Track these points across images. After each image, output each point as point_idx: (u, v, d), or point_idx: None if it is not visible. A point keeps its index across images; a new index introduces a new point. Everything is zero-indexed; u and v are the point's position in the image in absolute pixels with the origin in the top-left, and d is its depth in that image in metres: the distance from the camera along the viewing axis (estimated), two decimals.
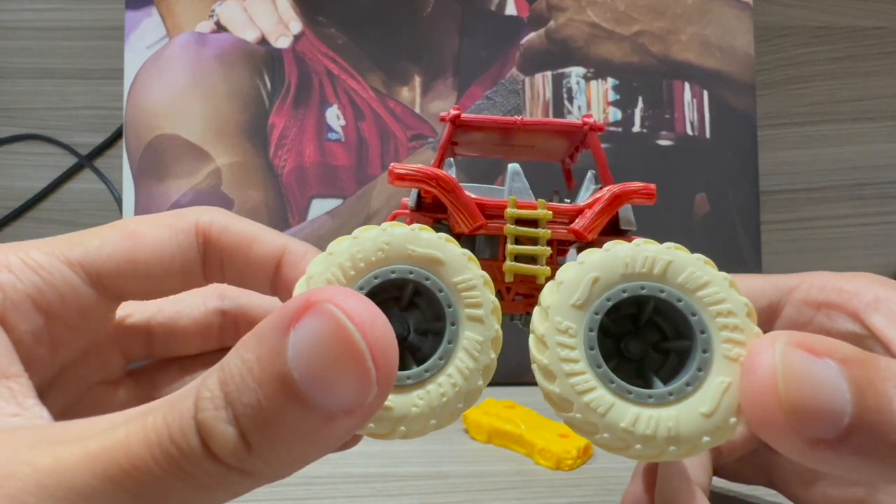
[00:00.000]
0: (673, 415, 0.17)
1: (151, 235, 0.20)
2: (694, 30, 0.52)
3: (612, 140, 0.51)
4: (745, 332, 0.18)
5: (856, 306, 0.21)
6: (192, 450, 0.13)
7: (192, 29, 0.52)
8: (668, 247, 0.19)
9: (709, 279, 0.18)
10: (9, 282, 0.18)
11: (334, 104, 0.52)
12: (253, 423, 0.13)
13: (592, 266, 0.18)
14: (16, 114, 0.56)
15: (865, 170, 0.57)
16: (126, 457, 0.13)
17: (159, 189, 0.51)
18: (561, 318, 0.18)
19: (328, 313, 0.14)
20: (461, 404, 0.18)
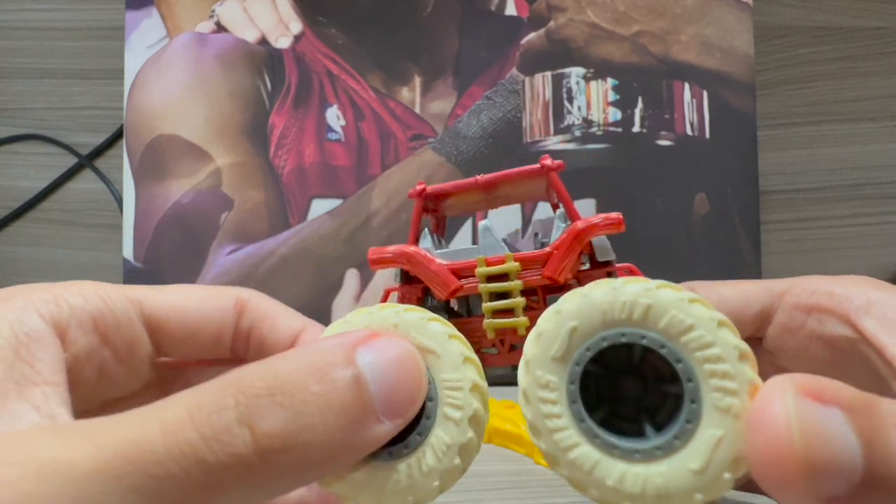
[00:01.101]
0: (662, 471, 0.16)
1: (201, 294, 0.22)
2: (694, 30, 0.52)
3: (611, 140, 0.51)
4: (738, 379, 0.16)
5: (846, 309, 0.21)
6: (221, 429, 0.13)
7: (193, 29, 0.52)
8: (647, 288, 0.17)
9: (693, 322, 0.17)
10: (78, 304, 0.20)
11: (334, 104, 0.52)
12: (312, 408, 0.14)
13: (570, 315, 0.18)
14: (16, 114, 0.56)
15: (865, 170, 0.57)
16: (135, 443, 0.13)
17: (159, 189, 0.51)
18: (542, 371, 0.18)
19: (400, 343, 0.17)
20: (410, 498, 0.18)
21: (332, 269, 0.51)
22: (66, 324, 0.19)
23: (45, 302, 0.19)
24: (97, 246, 0.55)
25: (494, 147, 0.51)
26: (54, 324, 0.19)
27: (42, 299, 0.19)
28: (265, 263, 0.51)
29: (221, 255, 0.51)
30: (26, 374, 0.17)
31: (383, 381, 0.16)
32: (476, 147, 0.51)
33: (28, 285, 0.20)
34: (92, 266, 0.55)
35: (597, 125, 0.51)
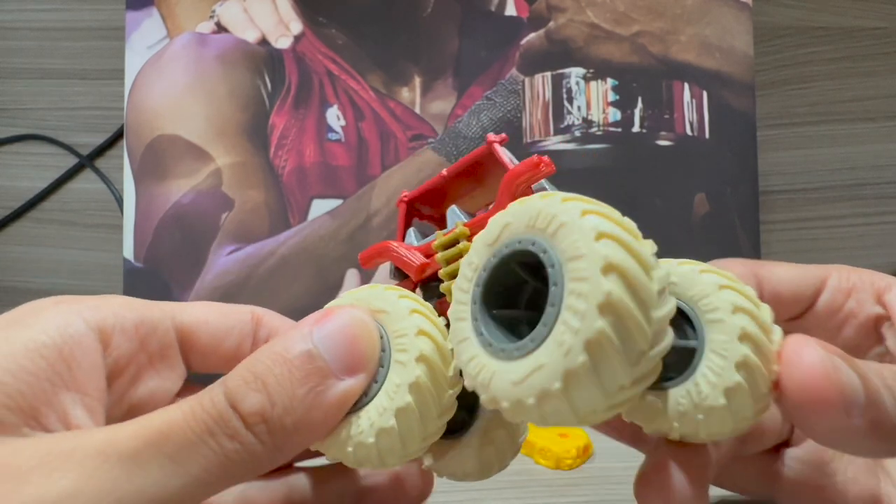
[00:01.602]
0: (509, 371, 0.17)
1: (221, 308, 0.24)
2: (693, 30, 0.52)
3: (611, 140, 0.51)
4: (590, 296, 0.16)
5: (879, 287, 0.24)
6: (222, 413, 0.17)
7: (193, 29, 0.52)
8: (555, 201, 0.17)
9: (576, 236, 0.16)
10: (121, 311, 0.22)
11: (334, 104, 0.52)
12: (280, 387, 0.18)
13: (508, 214, 0.18)
14: (16, 114, 0.56)
15: (865, 170, 0.57)
16: (166, 423, 0.17)
17: (160, 189, 0.51)
18: (465, 267, 0.19)
19: (348, 311, 0.19)
20: (371, 439, 0.19)
21: (332, 269, 0.51)
22: (110, 329, 0.21)
23: (91, 308, 0.21)
24: (97, 246, 0.55)
25: None
26: (99, 329, 0.20)
27: (88, 306, 0.21)
28: (265, 263, 0.51)
29: (222, 255, 0.51)
30: (63, 377, 0.19)
31: (334, 346, 0.18)
32: (476, 147, 0.51)
33: (73, 296, 0.21)
34: (92, 266, 0.55)
35: (597, 125, 0.52)
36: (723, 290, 0.19)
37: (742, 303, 0.18)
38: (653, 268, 0.16)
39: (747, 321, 0.18)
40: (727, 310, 0.18)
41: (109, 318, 0.21)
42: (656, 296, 0.16)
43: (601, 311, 0.15)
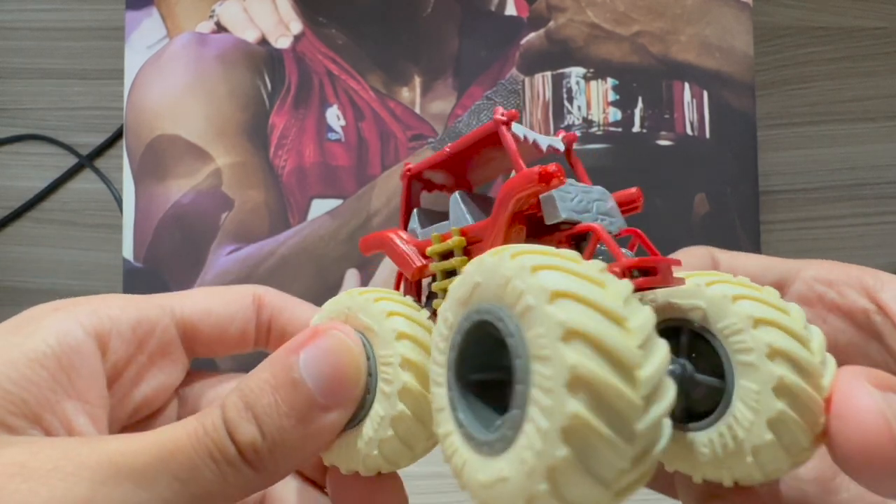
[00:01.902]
0: (504, 468, 0.14)
1: (222, 294, 0.24)
2: (693, 30, 0.52)
3: (611, 140, 0.51)
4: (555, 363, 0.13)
5: (866, 283, 0.22)
6: (221, 440, 0.18)
7: (193, 29, 0.52)
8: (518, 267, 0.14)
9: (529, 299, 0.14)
10: (116, 314, 0.22)
11: (334, 104, 0.52)
12: (269, 418, 0.18)
13: (479, 271, 0.15)
14: (16, 114, 0.56)
15: (865, 170, 0.57)
16: (173, 443, 0.18)
17: (160, 189, 0.51)
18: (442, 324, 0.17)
19: (334, 334, 0.19)
20: (360, 466, 0.20)
21: (332, 269, 0.51)
22: (107, 335, 0.21)
23: (88, 314, 0.21)
24: (97, 246, 0.55)
25: None
26: (96, 335, 0.21)
27: (84, 311, 0.21)
28: (265, 263, 0.51)
29: (221, 255, 0.51)
30: (64, 386, 0.19)
31: (319, 374, 0.19)
32: None
33: (69, 299, 0.21)
34: (92, 266, 0.55)
35: (597, 125, 0.51)
36: (759, 326, 0.16)
37: (782, 343, 0.16)
38: (638, 367, 0.13)
39: (786, 369, 0.15)
40: (762, 352, 0.16)
41: (106, 323, 0.21)
42: (637, 351, 0.13)
43: (565, 437, 0.13)
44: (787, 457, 0.16)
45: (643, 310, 0.14)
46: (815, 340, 0.16)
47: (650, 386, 0.13)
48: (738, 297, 0.16)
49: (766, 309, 0.16)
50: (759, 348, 0.16)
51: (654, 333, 0.14)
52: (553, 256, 0.14)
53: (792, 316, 0.16)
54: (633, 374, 0.13)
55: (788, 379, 0.15)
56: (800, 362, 0.15)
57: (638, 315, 0.14)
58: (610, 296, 0.14)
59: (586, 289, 0.13)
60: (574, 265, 0.14)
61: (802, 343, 0.16)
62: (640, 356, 0.13)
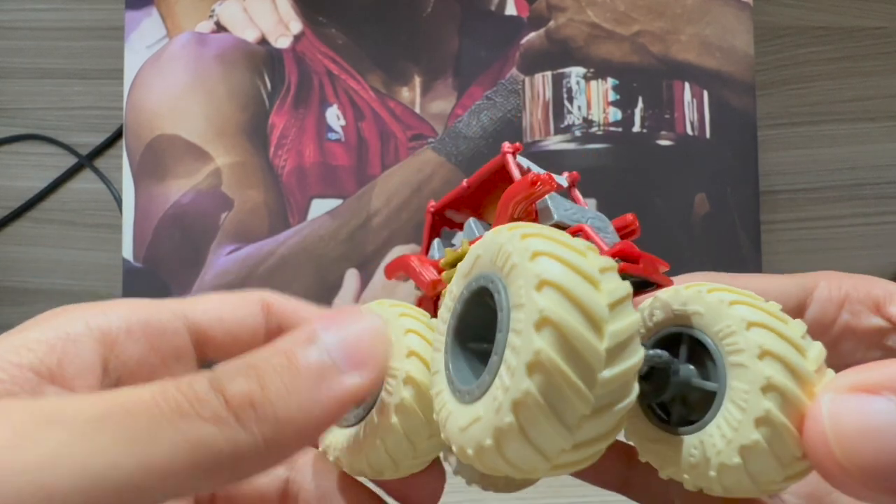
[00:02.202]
0: (461, 415, 0.16)
1: (232, 300, 0.24)
2: (694, 30, 0.52)
3: (611, 140, 0.51)
4: (522, 350, 0.14)
5: (876, 296, 0.21)
6: (199, 393, 0.15)
7: (193, 29, 0.52)
8: (510, 237, 0.16)
9: (519, 274, 0.15)
10: (126, 314, 0.21)
11: (334, 104, 0.52)
12: (276, 374, 0.16)
13: (481, 245, 0.17)
14: (15, 114, 0.56)
15: (865, 170, 0.57)
16: (130, 399, 0.15)
17: (159, 189, 0.51)
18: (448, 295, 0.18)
19: (359, 314, 0.17)
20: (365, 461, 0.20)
21: (332, 269, 0.51)
22: (115, 332, 0.20)
23: (95, 314, 0.20)
24: (97, 246, 0.55)
25: (494, 147, 0.51)
26: (101, 332, 0.20)
27: (93, 312, 0.20)
28: (265, 263, 0.50)
29: (221, 255, 0.51)
30: (52, 370, 0.18)
31: (343, 346, 0.17)
32: (476, 147, 0.51)
33: (81, 304, 0.21)
34: (91, 266, 0.55)
35: (597, 125, 0.51)
36: (752, 328, 0.16)
37: (773, 345, 0.16)
38: (605, 321, 0.14)
39: (776, 369, 0.15)
40: (753, 353, 0.16)
41: (115, 322, 0.20)
42: (605, 308, 0.14)
43: (530, 371, 0.14)
44: (777, 465, 0.15)
45: (620, 282, 0.15)
46: (812, 350, 0.16)
47: (615, 340, 0.14)
48: (735, 302, 0.17)
49: (762, 314, 0.16)
50: (750, 349, 0.16)
51: (630, 303, 0.15)
52: (545, 229, 0.16)
53: (790, 325, 0.17)
54: (599, 325, 0.14)
55: (776, 379, 0.15)
56: (791, 365, 0.15)
57: (613, 282, 0.15)
58: (588, 261, 0.15)
59: (566, 252, 0.15)
60: (562, 237, 0.16)
61: (797, 349, 0.16)
62: (607, 312, 0.14)
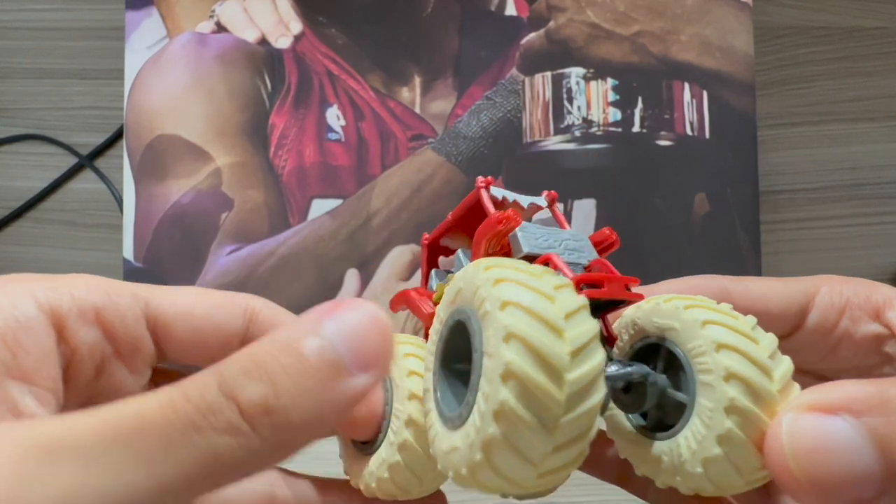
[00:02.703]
0: (457, 440, 0.17)
1: (212, 300, 0.22)
2: (693, 30, 0.52)
3: (611, 140, 0.51)
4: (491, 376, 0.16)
5: (876, 302, 0.22)
6: (214, 404, 0.14)
7: (193, 29, 0.52)
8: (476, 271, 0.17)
9: (484, 301, 0.17)
10: (81, 295, 0.19)
11: (334, 104, 0.52)
12: (287, 377, 0.15)
13: (462, 278, 0.18)
14: (16, 114, 0.56)
15: (865, 170, 0.57)
16: (137, 416, 0.14)
17: (160, 189, 0.51)
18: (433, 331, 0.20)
19: (362, 305, 0.17)
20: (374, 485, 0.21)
21: (332, 269, 0.51)
22: (65, 313, 0.18)
23: (44, 289, 0.18)
24: (97, 246, 0.55)
25: (494, 147, 0.51)
26: (51, 312, 0.18)
27: (41, 287, 0.18)
28: (265, 263, 0.51)
29: (221, 255, 0.51)
30: (7, 365, 0.17)
31: (348, 339, 0.16)
32: (476, 147, 0.51)
33: (29, 274, 0.19)
34: (92, 266, 0.55)
35: (597, 125, 0.51)
36: (721, 350, 0.17)
37: (739, 368, 0.17)
38: (565, 371, 0.16)
39: (738, 391, 0.17)
40: (720, 375, 0.17)
41: (66, 301, 0.19)
42: (566, 357, 0.16)
43: (496, 418, 0.15)
44: (737, 475, 0.17)
45: (586, 323, 0.16)
46: (779, 370, 0.17)
47: (574, 388, 0.16)
48: (708, 321, 0.18)
49: (733, 336, 0.18)
50: (717, 370, 0.17)
51: (595, 345, 0.16)
52: (516, 271, 0.17)
53: (760, 345, 0.18)
54: (559, 375, 0.15)
55: (739, 401, 0.17)
56: (754, 387, 0.17)
57: (578, 327, 0.16)
58: (554, 308, 0.16)
59: (534, 300, 0.16)
60: (532, 280, 0.17)
61: (763, 371, 0.17)
62: (568, 361, 0.16)
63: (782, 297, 0.23)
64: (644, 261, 0.50)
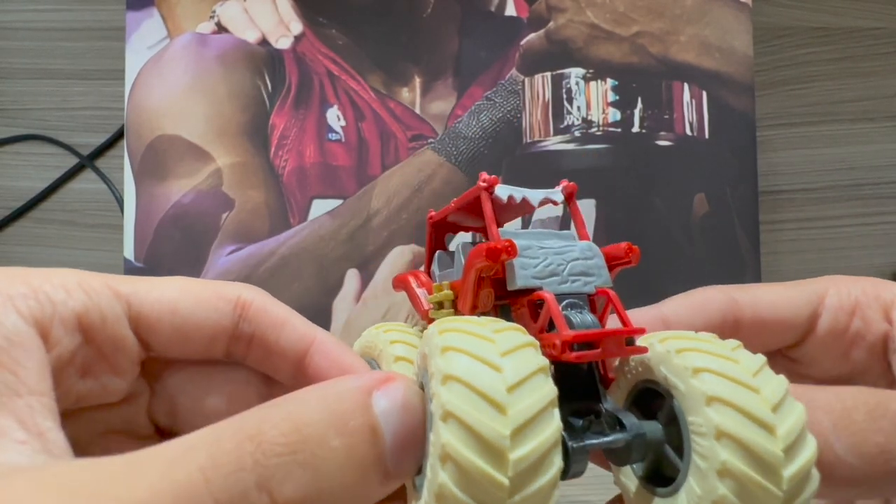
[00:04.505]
0: None
1: (198, 292, 0.21)
2: (693, 30, 0.52)
3: (611, 140, 0.51)
4: None
5: (885, 301, 0.21)
6: (248, 496, 0.13)
7: (193, 30, 0.52)
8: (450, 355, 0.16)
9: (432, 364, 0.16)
10: (61, 300, 0.18)
11: (334, 105, 0.52)
12: (333, 466, 0.14)
13: (426, 343, 0.17)
14: (17, 114, 0.56)
15: (865, 170, 0.57)
16: (178, 487, 0.13)
17: (160, 189, 0.51)
18: None
19: (409, 386, 0.16)
20: None
21: (333, 269, 0.51)
22: (48, 322, 0.18)
23: (25, 297, 0.18)
24: (98, 246, 0.55)
25: (494, 147, 0.51)
26: (35, 323, 0.18)
27: (21, 294, 0.18)
28: (266, 263, 0.51)
29: (222, 255, 0.51)
30: (10, 384, 0.16)
31: (395, 430, 0.15)
32: (476, 147, 0.51)
33: (3, 272, 0.18)
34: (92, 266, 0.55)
35: (596, 125, 0.52)
36: (711, 403, 0.15)
37: (729, 425, 0.15)
38: (506, 451, 0.14)
39: (730, 452, 0.15)
40: (711, 434, 0.15)
41: (47, 309, 0.18)
42: (506, 437, 0.14)
43: (442, 463, 0.14)
44: None
45: (539, 391, 0.15)
46: (785, 423, 0.15)
47: (522, 466, 0.14)
48: (700, 369, 0.16)
49: (726, 385, 0.15)
50: (708, 429, 0.15)
51: (549, 414, 0.15)
52: (467, 336, 0.16)
53: (762, 394, 0.15)
54: (501, 455, 0.14)
55: (732, 465, 0.15)
56: (750, 447, 0.15)
57: (528, 398, 0.15)
58: (499, 381, 0.15)
59: (475, 372, 0.15)
60: (480, 346, 0.15)
61: (763, 426, 0.15)
62: (509, 441, 0.14)
63: (792, 303, 0.22)
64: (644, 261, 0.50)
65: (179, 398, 0.22)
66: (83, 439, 0.21)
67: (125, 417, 0.22)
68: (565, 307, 0.18)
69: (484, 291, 0.20)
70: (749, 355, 0.17)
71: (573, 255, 0.19)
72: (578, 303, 0.19)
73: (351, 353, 0.22)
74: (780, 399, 0.15)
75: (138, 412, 0.22)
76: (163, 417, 0.22)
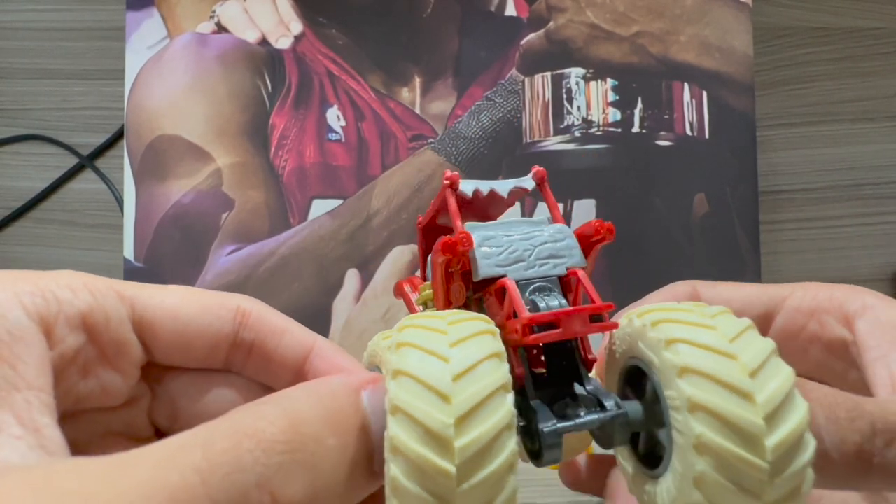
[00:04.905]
0: None
1: (200, 301, 0.21)
2: (693, 30, 0.52)
3: (611, 140, 0.51)
4: None
5: (847, 310, 0.21)
6: (249, 496, 0.13)
7: (193, 30, 0.52)
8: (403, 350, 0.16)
9: None
10: (66, 299, 0.18)
11: (334, 105, 0.52)
12: (330, 466, 0.14)
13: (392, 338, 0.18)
14: (17, 114, 0.56)
15: (865, 170, 0.57)
16: (174, 486, 0.12)
17: (160, 189, 0.51)
18: None
19: None
20: None
21: (333, 269, 0.51)
22: (52, 320, 0.18)
23: (31, 294, 0.18)
24: (98, 246, 0.55)
25: (494, 147, 0.51)
26: (40, 319, 0.18)
27: (27, 291, 0.18)
28: (266, 263, 0.51)
29: (222, 255, 0.51)
30: (9, 378, 0.16)
31: (381, 428, 0.15)
32: (476, 147, 0.51)
33: (11, 273, 0.18)
34: (92, 266, 0.55)
35: (596, 125, 0.52)
36: (683, 375, 0.15)
37: (702, 396, 0.14)
38: (450, 440, 0.14)
39: (705, 425, 0.14)
40: (684, 408, 0.14)
41: (53, 307, 0.18)
42: (449, 426, 0.14)
43: (393, 455, 0.15)
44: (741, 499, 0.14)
45: (488, 377, 0.15)
46: (765, 389, 0.14)
47: (468, 453, 0.14)
48: (673, 340, 0.15)
49: (700, 354, 0.15)
50: (682, 402, 0.14)
51: (499, 398, 0.15)
52: (420, 331, 0.16)
53: (740, 360, 0.14)
54: (446, 443, 0.14)
55: (708, 438, 0.14)
56: (727, 419, 0.14)
57: (474, 385, 0.15)
58: (445, 371, 0.15)
59: (423, 365, 0.15)
60: (431, 339, 0.15)
61: (740, 394, 0.14)
62: (452, 430, 0.14)
63: (748, 300, 0.23)
64: (644, 261, 0.50)
65: (181, 401, 0.22)
66: (83, 440, 0.21)
67: (125, 419, 0.22)
68: (532, 292, 0.18)
69: (454, 286, 0.20)
70: (732, 320, 0.16)
71: (541, 240, 0.19)
72: (547, 286, 0.19)
73: (347, 356, 0.22)
74: (761, 363, 0.14)
75: (139, 415, 0.22)
76: (164, 420, 0.22)
